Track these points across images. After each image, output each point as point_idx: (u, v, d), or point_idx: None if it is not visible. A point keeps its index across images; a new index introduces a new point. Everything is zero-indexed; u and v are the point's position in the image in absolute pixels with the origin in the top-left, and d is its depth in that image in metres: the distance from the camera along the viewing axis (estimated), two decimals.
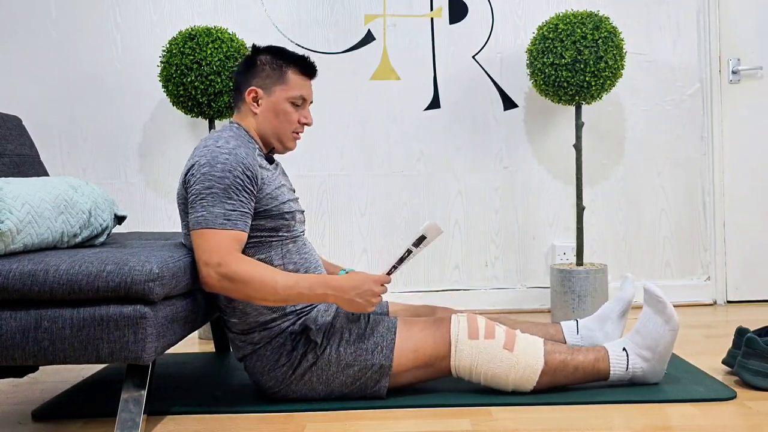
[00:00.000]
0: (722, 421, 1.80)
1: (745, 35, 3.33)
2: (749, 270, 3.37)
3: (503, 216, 3.36)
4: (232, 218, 1.86)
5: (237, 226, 1.86)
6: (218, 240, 1.84)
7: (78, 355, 1.69)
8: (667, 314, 1.98)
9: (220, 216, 1.84)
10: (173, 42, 2.83)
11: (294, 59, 2.05)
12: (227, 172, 1.86)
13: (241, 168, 1.88)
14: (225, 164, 1.86)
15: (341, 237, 3.34)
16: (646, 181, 3.36)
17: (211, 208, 1.84)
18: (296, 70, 2.04)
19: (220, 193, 1.85)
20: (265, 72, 2.03)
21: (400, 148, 3.33)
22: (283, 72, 2.03)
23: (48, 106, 3.26)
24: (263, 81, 2.03)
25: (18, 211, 1.74)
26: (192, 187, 1.88)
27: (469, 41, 3.32)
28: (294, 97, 2.03)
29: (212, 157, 1.88)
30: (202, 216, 1.85)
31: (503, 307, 3.34)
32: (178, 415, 1.96)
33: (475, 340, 1.95)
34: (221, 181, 1.85)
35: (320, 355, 1.95)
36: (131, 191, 3.30)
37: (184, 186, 1.93)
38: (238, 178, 1.87)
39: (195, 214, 1.86)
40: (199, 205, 1.86)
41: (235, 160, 1.88)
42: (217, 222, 1.84)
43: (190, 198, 1.88)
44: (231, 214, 1.85)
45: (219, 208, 1.84)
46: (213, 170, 1.86)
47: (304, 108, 2.07)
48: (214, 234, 1.84)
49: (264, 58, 2.05)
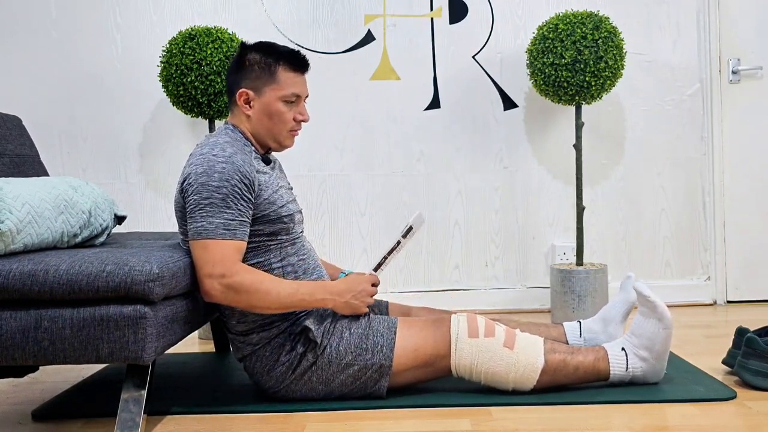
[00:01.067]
0: (722, 421, 1.80)
1: (745, 35, 3.33)
2: (749, 270, 3.37)
3: (503, 216, 3.36)
4: (231, 227, 1.85)
5: (237, 236, 1.86)
6: (220, 251, 1.83)
7: (78, 355, 1.69)
8: (659, 313, 1.98)
9: (219, 226, 1.84)
10: (173, 42, 2.84)
11: (283, 55, 1.99)
12: (224, 181, 1.85)
13: (238, 176, 1.86)
14: (222, 173, 1.85)
15: (341, 237, 3.34)
16: (646, 181, 3.36)
17: (210, 218, 1.84)
18: (287, 66, 1.99)
19: (219, 202, 1.84)
20: (254, 72, 1.98)
21: (400, 148, 3.33)
22: (273, 71, 1.98)
23: (48, 106, 3.26)
24: (253, 82, 1.99)
25: (18, 211, 1.74)
26: (190, 197, 1.87)
27: (469, 41, 3.32)
28: (286, 95, 1.99)
29: (209, 166, 1.86)
30: (202, 226, 1.84)
31: (503, 307, 3.34)
32: (178, 415, 1.96)
33: (475, 338, 1.94)
34: (219, 191, 1.84)
35: (320, 355, 1.95)
36: (131, 191, 3.30)
37: (182, 195, 1.92)
38: (236, 187, 1.86)
39: (194, 225, 1.85)
40: (198, 215, 1.85)
41: (232, 169, 1.86)
42: (217, 232, 1.84)
43: (189, 208, 1.87)
44: (230, 223, 1.85)
45: (218, 218, 1.84)
46: (210, 180, 1.85)
47: (299, 105, 2.02)
48: (216, 245, 1.84)
49: (252, 58, 1.99)
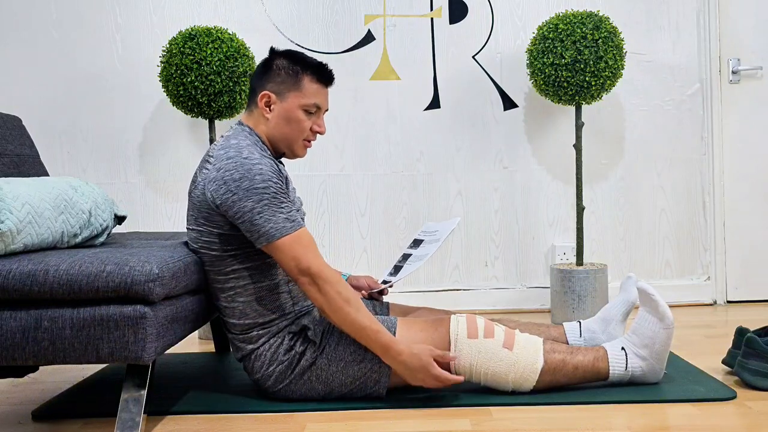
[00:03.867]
0: (722, 421, 1.80)
1: (745, 35, 3.33)
2: (749, 270, 3.37)
3: (503, 216, 3.36)
4: (292, 218, 1.88)
5: (300, 224, 1.89)
6: (298, 245, 1.86)
7: (78, 355, 1.69)
8: (660, 312, 1.98)
9: (285, 222, 1.86)
10: (173, 42, 2.84)
11: (311, 66, 2.02)
12: (267, 181, 1.87)
13: (276, 174, 1.90)
14: (262, 174, 1.86)
15: (341, 237, 3.34)
16: (646, 181, 3.36)
17: (273, 218, 1.85)
18: (313, 77, 2.01)
19: (272, 201, 1.86)
20: (280, 77, 2.01)
21: (400, 148, 3.33)
22: (299, 78, 2.00)
23: (48, 106, 3.26)
24: (278, 86, 2.01)
25: (18, 211, 1.74)
26: (239, 205, 1.85)
27: (469, 41, 3.32)
28: (307, 104, 2.01)
29: (246, 170, 1.86)
30: (273, 228, 1.85)
31: (503, 307, 3.34)
32: (178, 415, 1.96)
33: (475, 339, 1.95)
34: (267, 191, 1.86)
35: (320, 355, 1.95)
36: (131, 191, 3.30)
37: (214, 200, 1.89)
38: (277, 184, 1.88)
39: (261, 231, 1.85)
40: (259, 219, 1.85)
41: (268, 169, 1.89)
42: (284, 229, 1.86)
43: (245, 216, 1.85)
44: (290, 215, 1.88)
45: (279, 215, 1.86)
46: (254, 183, 1.85)
47: (318, 116, 2.04)
48: (291, 241, 1.86)
49: (280, 63, 2.02)
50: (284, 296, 1.99)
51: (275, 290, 1.98)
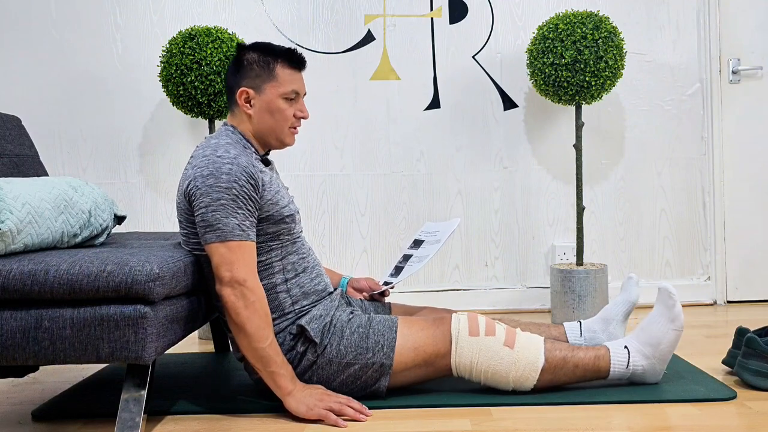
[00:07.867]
0: (722, 421, 1.80)
1: (745, 35, 3.33)
2: (749, 270, 3.37)
3: (503, 216, 3.36)
4: (245, 228, 1.86)
5: (250, 237, 1.87)
6: (240, 254, 1.84)
7: (78, 355, 1.69)
8: (675, 313, 1.99)
9: (235, 227, 1.85)
10: (173, 42, 2.84)
11: (281, 53, 2.03)
12: (233, 182, 1.85)
13: (245, 177, 1.87)
14: (229, 174, 1.86)
15: (341, 237, 3.34)
16: (646, 181, 3.36)
17: (225, 219, 1.84)
18: (285, 64, 2.02)
19: (230, 203, 1.85)
20: (253, 71, 2.01)
21: (400, 148, 3.33)
22: (272, 68, 2.01)
23: (48, 106, 3.26)
24: (253, 81, 2.01)
25: (18, 211, 1.74)
26: (199, 200, 1.87)
27: (469, 41, 3.32)
28: (286, 92, 2.01)
29: (215, 168, 1.86)
30: (220, 230, 1.84)
31: (503, 307, 3.34)
32: (178, 415, 1.96)
33: (476, 337, 1.95)
34: (229, 192, 1.85)
35: (320, 354, 1.95)
36: (131, 191, 3.30)
37: (187, 198, 1.91)
38: (244, 188, 1.87)
39: (208, 228, 1.85)
40: (211, 217, 1.85)
41: (238, 170, 1.87)
42: (234, 234, 1.84)
43: (200, 211, 1.86)
44: (243, 224, 1.86)
45: (232, 219, 1.85)
46: (219, 182, 1.85)
47: (299, 101, 2.05)
48: (237, 247, 1.84)
49: (251, 57, 2.02)
50: (283, 296, 1.99)
51: (274, 291, 1.97)
